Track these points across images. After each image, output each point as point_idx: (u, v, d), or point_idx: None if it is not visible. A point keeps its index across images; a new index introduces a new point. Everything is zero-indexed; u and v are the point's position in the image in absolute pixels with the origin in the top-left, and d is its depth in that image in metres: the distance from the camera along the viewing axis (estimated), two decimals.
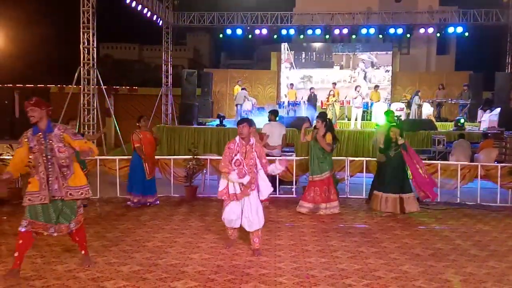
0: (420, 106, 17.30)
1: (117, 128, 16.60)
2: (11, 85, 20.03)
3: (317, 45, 22.87)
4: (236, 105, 18.70)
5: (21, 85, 19.62)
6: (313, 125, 8.29)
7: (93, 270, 4.92)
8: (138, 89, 23.75)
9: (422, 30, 20.21)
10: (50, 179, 4.67)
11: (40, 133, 4.72)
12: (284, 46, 22.86)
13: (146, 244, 5.98)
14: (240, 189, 5.51)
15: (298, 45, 23.06)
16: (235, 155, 5.48)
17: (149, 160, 8.34)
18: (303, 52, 22.92)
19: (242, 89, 18.72)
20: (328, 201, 7.89)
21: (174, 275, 4.82)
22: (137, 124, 8.41)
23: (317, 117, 8.16)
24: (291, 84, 20.52)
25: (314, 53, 22.94)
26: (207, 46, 67.76)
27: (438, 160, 11.51)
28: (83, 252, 5.09)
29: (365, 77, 22.35)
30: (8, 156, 8.86)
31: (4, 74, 26.61)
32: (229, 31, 20.71)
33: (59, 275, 4.77)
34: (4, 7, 36.48)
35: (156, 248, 5.79)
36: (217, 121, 16.91)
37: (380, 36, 21.03)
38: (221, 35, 21.36)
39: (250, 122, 5.73)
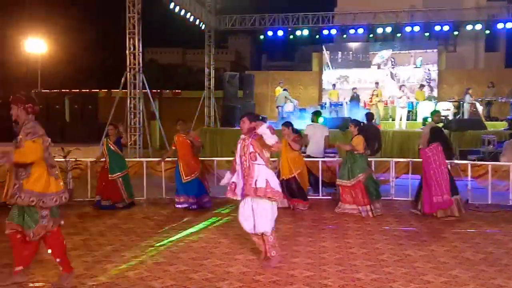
0: (473, 105, 16.71)
1: (162, 131, 16.98)
2: (61, 90, 20.92)
3: (354, 44, 22.56)
4: (277, 106, 18.71)
5: (71, 90, 20.44)
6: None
7: (141, 269, 5.06)
8: (182, 92, 24.18)
9: (469, 27, 19.54)
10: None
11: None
12: (324, 46, 22.71)
13: (192, 244, 6.08)
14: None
15: (335, 45, 22.85)
16: (236, 152, 5.36)
17: (183, 162, 8.43)
18: (339, 52, 22.67)
19: (283, 90, 18.71)
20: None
21: (219, 276, 4.88)
22: (176, 127, 8.63)
23: (350, 121, 8.40)
24: (333, 85, 20.36)
25: (351, 52, 22.64)
26: (248, 48, 68.18)
27: (488, 161, 11.09)
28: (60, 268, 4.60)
29: (393, 76, 21.84)
30: (60, 158, 9.23)
31: (54, 80, 27.78)
32: (270, 33, 20.76)
33: (109, 274, 4.93)
34: (52, 14, 38.09)
35: (201, 249, 5.88)
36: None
37: (426, 34, 20.46)
38: (262, 37, 21.45)
39: (250, 117, 5.40)
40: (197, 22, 18.81)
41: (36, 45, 23.72)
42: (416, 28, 19.46)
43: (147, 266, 5.18)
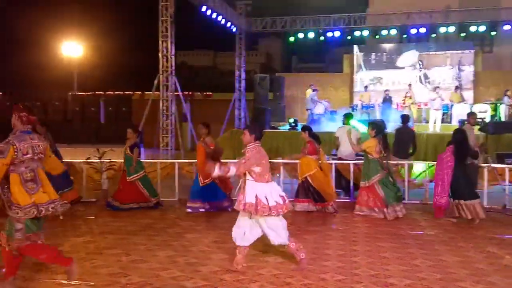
0: (511, 107, 16.22)
1: (193, 133, 17.18)
2: (96, 92, 21.48)
3: (388, 45, 22.24)
4: (307, 109, 18.63)
5: (106, 93, 20.97)
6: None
7: (174, 269, 5.12)
8: (213, 95, 24.41)
9: (507, 27, 18.96)
10: None
11: None
12: (357, 47, 22.48)
13: (223, 245, 6.12)
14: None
15: (368, 46, 22.57)
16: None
17: (199, 167, 8.42)
18: (373, 53, 22.38)
19: (312, 90, 18.57)
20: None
21: (251, 277, 4.89)
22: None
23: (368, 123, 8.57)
24: (365, 87, 20.13)
25: (384, 54, 22.32)
26: (279, 50, 68.16)
27: None
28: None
29: (422, 79, 21.37)
30: (95, 159, 9.45)
31: (90, 83, 28.51)
32: (301, 35, 20.71)
33: (143, 273, 5.01)
34: (86, 19, 39.16)
35: (232, 250, 5.90)
36: (289, 125, 16.95)
37: (463, 34, 19.94)
38: (292, 39, 21.42)
39: (251, 130, 5.20)
40: (228, 25, 18.96)
41: (72, 49, 24.43)
42: (451, 29, 19.04)
43: (179, 266, 5.24)
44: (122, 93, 20.67)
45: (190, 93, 23.18)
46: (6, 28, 41.81)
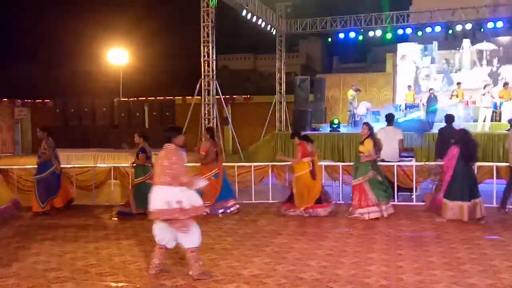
0: None
1: (235, 136, 17.34)
2: (140, 98, 22.00)
3: (435, 43, 21.61)
4: (348, 110, 18.40)
5: (149, 98, 21.45)
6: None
7: (216, 272, 5.18)
8: (253, 98, 24.50)
9: None
10: None
11: None
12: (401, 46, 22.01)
13: (265, 249, 6.14)
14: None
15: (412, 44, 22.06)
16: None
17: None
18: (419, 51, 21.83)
19: (355, 91, 18.28)
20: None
21: (292, 281, 4.87)
22: None
23: (363, 123, 8.42)
24: (409, 86, 19.64)
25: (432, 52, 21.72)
26: (319, 51, 67.57)
27: None
28: None
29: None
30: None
31: (135, 89, 29.29)
32: (341, 35, 20.47)
33: (186, 276, 5.09)
34: (129, 26, 40.27)
35: (274, 254, 5.91)
36: (330, 127, 16.79)
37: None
38: (330, 39, 21.22)
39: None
40: (268, 28, 19.00)
41: (118, 56, 25.19)
42: (499, 24, 18.26)
43: (221, 269, 5.28)
44: (165, 98, 21.13)
45: (231, 96, 23.37)
46: (55, 39, 43.69)
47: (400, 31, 19.82)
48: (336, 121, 16.86)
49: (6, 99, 23.60)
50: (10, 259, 5.81)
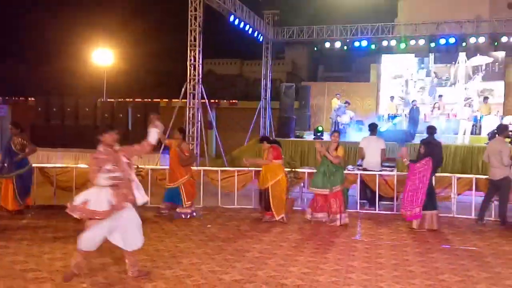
0: None
1: (219, 140, 17.31)
2: (125, 99, 21.85)
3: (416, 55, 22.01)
4: (330, 117, 18.60)
5: (134, 100, 21.33)
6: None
7: (197, 277, 5.17)
8: (238, 103, 24.55)
9: None
10: None
11: None
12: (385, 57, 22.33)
13: (246, 254, 6.14)
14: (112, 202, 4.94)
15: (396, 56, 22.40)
16: (106, 164, 5.01)
17: (170, 169, 8.68)
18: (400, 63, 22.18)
19: (344, 102, 18.40)
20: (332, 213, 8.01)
21: (274, 287, 4.89)
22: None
23: (334, 131, 8.86)
24: (391, 97, 19.93)
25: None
26: (305, 59, 68.14)
27: None
28: None
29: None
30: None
31: (119, 89, 29.06)
32: (327, 44, 20.67)
33: (167, 279, 5.06)
34: (114, 28, 40.03)
35: (255, 259, 5.92)
36: (314, 134, 16.92)
37: (495, 43, 19.54)
38: (317, 48, 21.43)
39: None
40: (255, 34, 19.09)
41: (103, 56, 24.98)
42: (481, 39, 18.67)
43: (202, 274, 5.27)
44: (150, 100, 21.06)
45: (216, 101, 23.38)
46: (40, 37, 43.15)
47: (385, 43, 20.14)
48: (320, 128, 17.00)
49: None
50: None
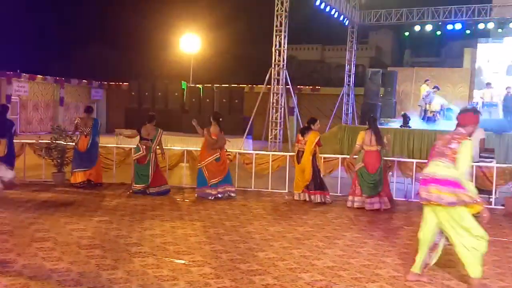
0: None
1: (300, 126, 17.25)
2: (211, 84, 22.46)
3: None
4: (419, 105, 17.77)
5: (220, 85, 21.84)
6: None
7: (290, 261, 5.22)
8: (321, 89, 24.27)
9: None
10: None
11: None
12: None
13: (337, 241, 6.10)
14: None
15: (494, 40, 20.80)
16: None
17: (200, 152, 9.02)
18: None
19: (433, 88, 17.54)
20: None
21: (369, 277, 4.82)
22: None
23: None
24: (488, 84, 18.64)
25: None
26: (390, 43, 65.59)
27: None
28: None
29: None
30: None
31: (204, 75, 29.90)
32: (417, 28, 19.74)
33: (260, 261, 5.17)
34: (200, 13, 41.03)
35: (346, 247, 5.87)
36: (400, 121, 16.28)
37: None
38: (406, 33, 20.52)
39: None
40: (341, 18, 18.70)
41: (190, 42, 25.78)
42: None
43: (294, 258, 5.32)
44: (235, 85, 21.45)
45: (298, 86, 23.27)
46: (131, 24, 45.49)
47: (481, 26, 18.84)
48: (407, 116, 16.34)
49: (85, 80, 24.97)
50: (95, 232, 6.18)
